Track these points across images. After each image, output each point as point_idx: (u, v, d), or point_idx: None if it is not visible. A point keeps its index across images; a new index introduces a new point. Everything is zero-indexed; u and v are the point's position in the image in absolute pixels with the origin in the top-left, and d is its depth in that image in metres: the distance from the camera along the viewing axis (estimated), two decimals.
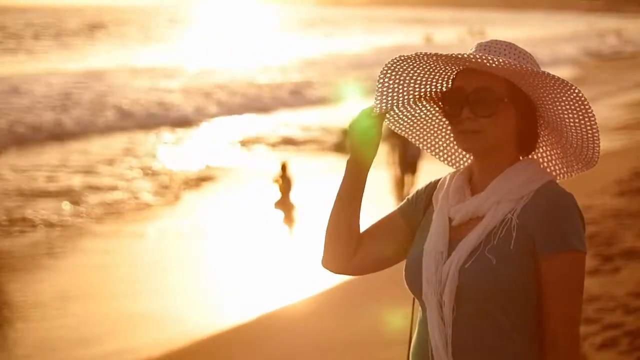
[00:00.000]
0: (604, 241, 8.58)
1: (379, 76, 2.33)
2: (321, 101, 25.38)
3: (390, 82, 2.33)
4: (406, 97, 2.36)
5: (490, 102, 2.22)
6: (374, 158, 2.34)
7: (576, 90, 2.22)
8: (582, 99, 2.24)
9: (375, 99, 2.34)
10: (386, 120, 2.38)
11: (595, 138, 2.29)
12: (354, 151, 2.33)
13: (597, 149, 2.30)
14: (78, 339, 7.13)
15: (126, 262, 9.54)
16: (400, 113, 2.42)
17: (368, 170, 2.35)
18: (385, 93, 2.33)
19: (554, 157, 2.39)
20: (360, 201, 2.36)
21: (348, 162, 2.34)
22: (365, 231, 2.39)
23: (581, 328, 7.04)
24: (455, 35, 57.08)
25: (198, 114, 23.02)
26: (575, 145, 2.32)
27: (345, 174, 2.35)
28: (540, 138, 2.35)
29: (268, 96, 26.78)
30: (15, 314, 7.73)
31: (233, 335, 7.13)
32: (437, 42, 51.33)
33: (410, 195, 2.43)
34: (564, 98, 2.25)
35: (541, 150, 2.38)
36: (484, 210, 2.24)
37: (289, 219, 11.33)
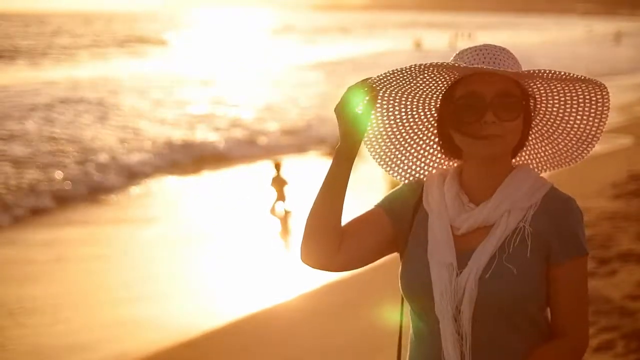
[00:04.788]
0: (600, 244, 8.58)
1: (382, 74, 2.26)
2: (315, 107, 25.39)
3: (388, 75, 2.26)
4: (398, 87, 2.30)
5: (514, 106, 2.21)
6: (362, 140, 2.28)
7: (605, 90, 2.25)
8: (606, 97, 2.26)
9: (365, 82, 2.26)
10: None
11: (597, 135, 2.32)
12: (345, 131, 2.24)
13: (592, 147, 2.34)
14: (72, 345, 7.11)
15: (119, 268, 9.52)
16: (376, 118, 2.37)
17: (356, 155, 2.27)
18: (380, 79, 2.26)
19: (530, 157, 2.42)
20: (345, 191, 2.29)
21: (338, 149, 2.26)
22: (348, 226, 2.32)
23: None
24: (445, 40, 57.22)
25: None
26: (566, 142, 2.34)
27: (334, 161, 2.27)
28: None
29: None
30: (8, 321, 7.71)
31: (225, 337, 7.12)
32: (427, 47, 51.42)
33: (391, 195, 2.37)
34: (581, 97, 2.28)
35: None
36: (493, 219, 2.23)
37: (283, 222, 11.33)
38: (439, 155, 2.40)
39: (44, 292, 8.51)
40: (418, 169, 2.41)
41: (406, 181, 2.41)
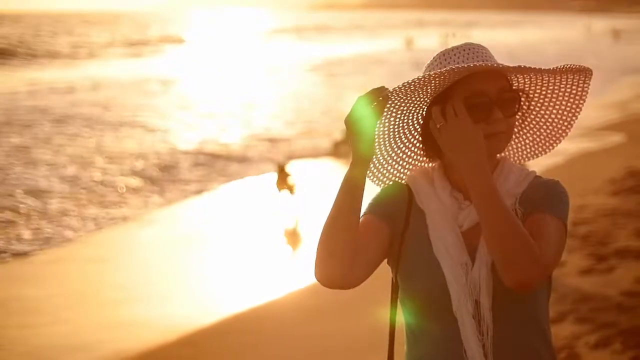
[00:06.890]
0: (598, 241, 8.60)
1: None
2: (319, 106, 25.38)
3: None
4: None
5: (514, 101, 2.26)
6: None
7: (589, 74, 2.30)
8: (587, 82, 2.32)
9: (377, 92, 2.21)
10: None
11: (570, 126, 2.38)
12: (361, 143, 2.18)
13: (564, 137, 2.40)
14: (70, 345, 7.12)
15: (120, 268, 9.53)
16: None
17: (371, 160, 2.25)
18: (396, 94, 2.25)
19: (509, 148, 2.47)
20: (362, 199, 2.26)
21: (355, 160, 2.20)
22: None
23: (575, 328, 7.01)
24: (437, 39, 57.16)
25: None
26: (538, 133, 2.39)
27: (351, 171, 2.20)
28: None
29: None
30: (7, 321, 7.72)
31: (223, 335, 7.12)
32: (420, 46, 51.39)
33: (377, 200, 2.36)
34: (563, 88, 2.33)
35: None
36: None
37: (283, 221, 11.33)
38: (415, 157, 2.41)
39: (43, 292, 8.51)
40: (395, 172, 2.42)
41: (383, 185, 2.42)
